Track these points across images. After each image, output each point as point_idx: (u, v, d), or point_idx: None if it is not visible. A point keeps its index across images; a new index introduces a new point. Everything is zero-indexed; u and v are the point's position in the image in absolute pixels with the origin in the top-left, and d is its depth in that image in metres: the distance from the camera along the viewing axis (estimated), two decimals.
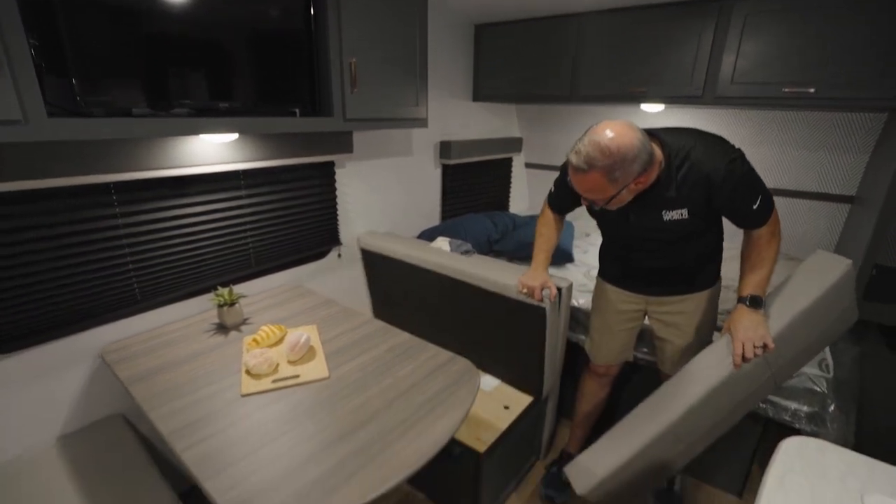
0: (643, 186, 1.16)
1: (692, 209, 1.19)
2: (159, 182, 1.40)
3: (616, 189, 1.10)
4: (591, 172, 1.06)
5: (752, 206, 1.18)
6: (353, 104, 1.54)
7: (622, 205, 1.18)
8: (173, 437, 0.97)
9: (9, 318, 1.20)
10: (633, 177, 1.09)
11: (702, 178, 1.14)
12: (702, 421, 1.26)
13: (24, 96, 0.90)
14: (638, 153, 1.06)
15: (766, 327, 1.17)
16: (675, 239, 1.28)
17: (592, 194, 1.14)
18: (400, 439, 0.97)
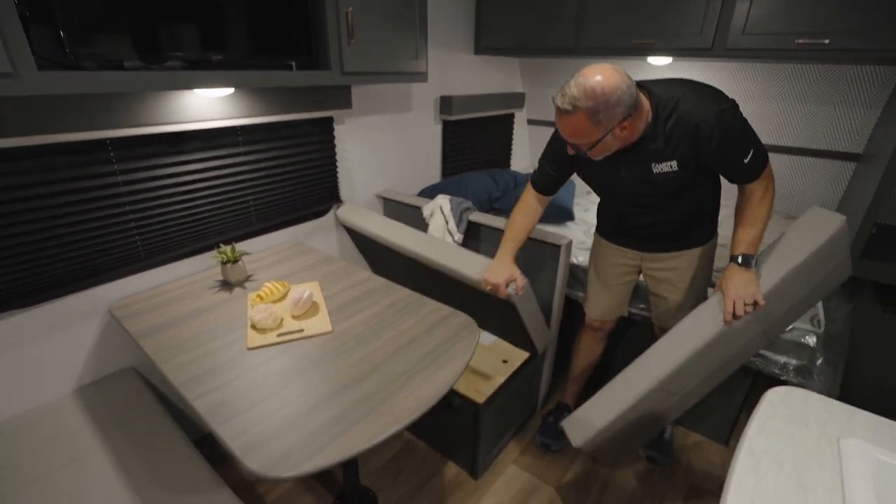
0: (629, 135, 1.14)
1: (681, 162, 1.18)
2: (156, 138, 1.38)
3: (601, 132, 1.09)
4: (576, 114, 1.06)
5: (743, 160, 1.16)
6: (351, 57, 1.50)
7: (608, 153, 1.17)
8: (185, 388, 1.01)
9: (19, 275, 1.22)
10: (618, 120, 1.08)
11: (690, 129, 1.13)
12: (693, 376, 1.30)
13: (12, 48, 0.87)
14: (622, 95, 1.04)
15: (756, 285, 1.18)
16: (666, 193, 1.27)
17: (577, 138, 1.12)
18: (401, 389, 1.02)
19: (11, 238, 1.18)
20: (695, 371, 1.29)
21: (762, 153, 1.18)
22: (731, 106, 1.12)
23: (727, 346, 1.26)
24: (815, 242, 1.19)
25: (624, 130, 1.11)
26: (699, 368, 1.29)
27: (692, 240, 1.40)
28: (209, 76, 1.21)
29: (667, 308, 1.52)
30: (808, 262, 1.18)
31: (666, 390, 1.31)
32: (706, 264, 1.45)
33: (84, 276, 1.34)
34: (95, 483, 1.07)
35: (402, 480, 1.64)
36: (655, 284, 1.51)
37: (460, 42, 2.38)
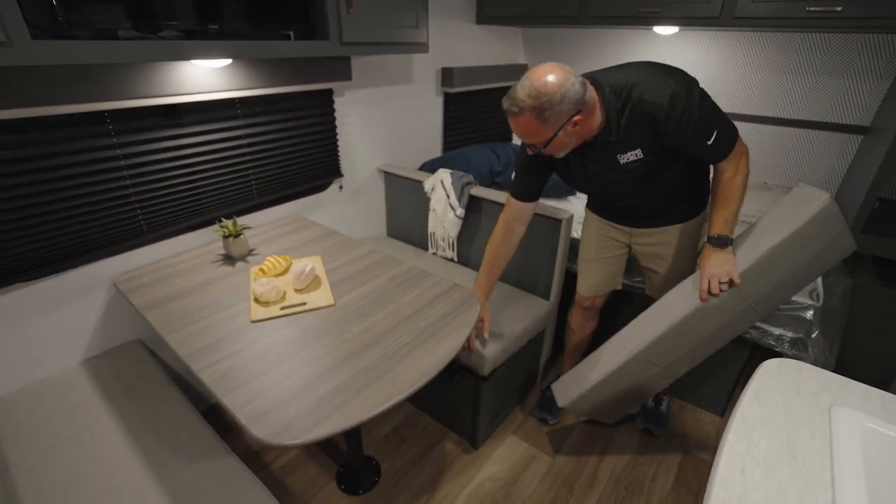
0: (583, 130, 1.13)
1: (645, 149, 1.17)
2: (154, 111, 1.37)
3: (551, 130, 1.08)
4: (523, 115, 1.06)
5: (706, 142, 1.14)
6: (350, 27, 1.46)
7: (566, 150, 1.17)
8: (190, 359, 1.03)
9: (24, 248, 1.23)
10: (566, 117, 1.07)
11: (646, 118, 1.11)
12: (674, 348, 1.36)
13: (5, 16, 0.86)
14: (565, 93, 1.03)
15: (732, 264, 1.21)
16: (639, 178, 1.25)
17: (530, 138, 1.12)
18: (403, 361, 1.04)
19: (13, 212, 1.18)
20: (674, 344, 1.34)
21: (727, 130, 1.16)
22: (685, 88, 1.09)
23: (706, 322, 1.29)
24: (797, 222, 1.19)
25: (576, 126, 1.10)
26: (679, 341, 1.34)
27: (678, 214, 1.39)
28: (205, 46, 1.18)
29: (659, 281, 1.53)
30: (789, 241, 1.19)
31: (646, 360, 1.38)
32: (695, 237, 1.44)
33: (87, 249, 1.35)
34: (104, 452, 1.10)
35: (404, 450, 1.69)
36: (645, 259, 1.52)
37: (462, 11, 2.31)
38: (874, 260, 1.82)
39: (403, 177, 2.11)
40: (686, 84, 1.10)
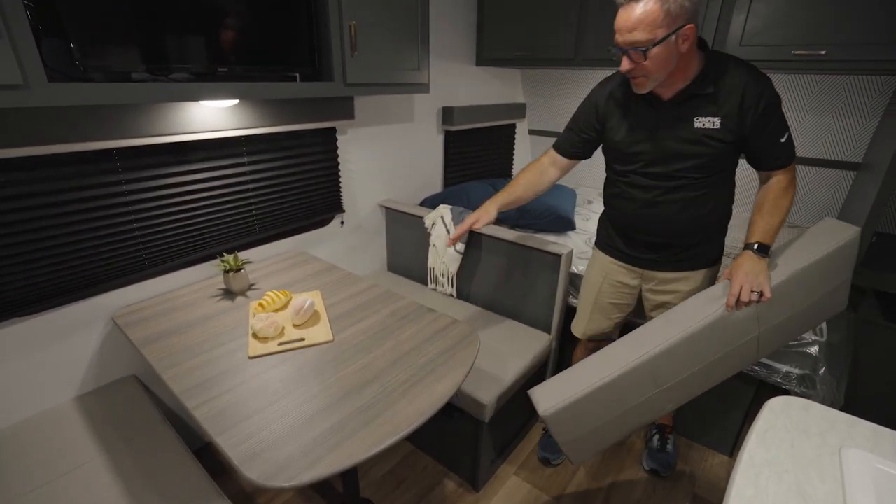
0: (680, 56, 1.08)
1: (724, 121, 1.14)
2: (162, 148, 1.40)
3: (666, 28, 1.02)
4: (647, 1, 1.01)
5: (780, 139, 1.16)
6: (354, 68, 1.52)
7: (658, 76, 1.10)
8: (185, 396, 1.02)
9: (23, 283, 1.23)
10: (684, 19, 1.02)
11: (740, 83, 1.12)
12: (681, 365, 1.22)
13: (24, 59, 0.89)
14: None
15: (767, 276, 1.14)
16: (699, 165, 1.20)
17: (637, 32, 1.03)
18: (401, 399, 1.02)
19: (17, 246, 1.20)
20: (683, 359, 1.21)
21: (793, 144, 1.19)
22: (765, 77, 1.13)
23: (720, 339, 1.19)
24: (828, 247, 1.17)
25: (684, 43, 1.05)
26: (688, 357, 1.21)
27: (698, 259, 1.35)
28: (215, 88, 1.23)
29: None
30: (817, 266, 1.16)
31: (651, 373, 1.22)
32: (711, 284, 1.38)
33: (88, 284, 1.36)
34: (94, 493, 1.06)
35: (402, 491, 1.63)
36: (652, 308, 1.47)
37: (462, 53, 2.41)
38: (876, 294, 1.81)
39: (404, 212, 2.13)
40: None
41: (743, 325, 1.18)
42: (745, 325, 1.18)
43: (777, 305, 1.17)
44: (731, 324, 1.17)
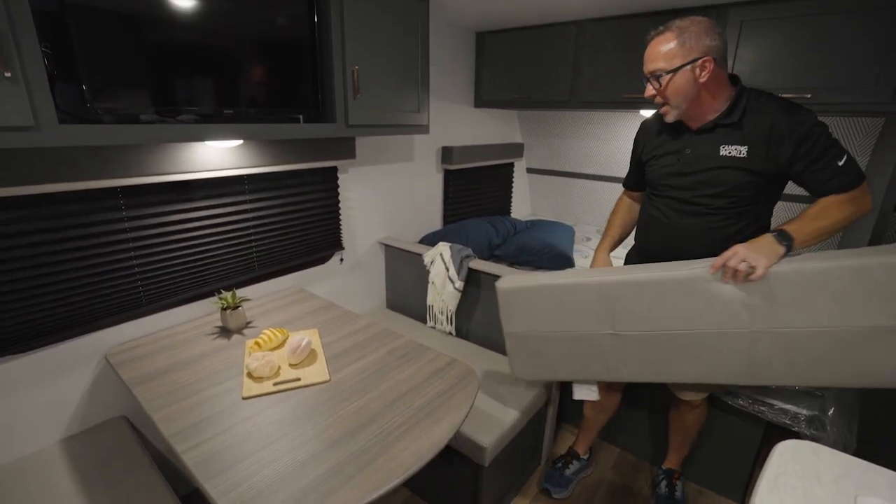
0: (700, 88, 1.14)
1: (752, 147, 1.14)
2: (165, 186, 1.42)
3: (682, 58, 1.12)
4: (666, 32, 1.15)
5: (838, 162, 1.09)
6: (356, 111, 1.57)
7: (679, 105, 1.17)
8: (175, 439, 0.98)
9: (19, 320, 1.22)
10: (701, 52, 1.11)
11: (768, 117, 1.13)
12: (639, 312, 1.14)
13: (37, 103, 0.92)
14: (711, 31, 1.12)
15: (769, 255, 1.05)
16: (723, 193, 1.20)
17: (655, 62, 1.16)
18: (398, 442, 0.98)
19: (16, 283, 1.19)
20: (644, 307, 1.14)
21: (855, 167, 1.12)
22: (813, 112, 1.12)
23: (693, 306, 1.09)
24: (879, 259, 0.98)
25: (703, 72, 1.12)
26: (650, 307, 1.13)
27: None
28: (221, 129, 1.26)
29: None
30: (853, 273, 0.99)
31: (606, 302, 1.16)
32: None
33: (83, 321, 1.34)
34: None
35: None
36: None
37: (461, 96, 2.49)
38: None
39: (403, 249, 2.14)
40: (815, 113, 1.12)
41: (729, 306, 1.06)
42: (731, 307, 1.06)
43: (786, 305, 1.03)
44: (709, 293, 1.05)
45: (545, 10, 1.96)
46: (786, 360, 1.10)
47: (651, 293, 1.14)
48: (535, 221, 2.73)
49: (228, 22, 1.25)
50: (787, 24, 1.60)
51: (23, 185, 1.12)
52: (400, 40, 1.68)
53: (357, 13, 1.49)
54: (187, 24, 1.17)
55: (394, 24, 1.64)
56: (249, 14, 1.29)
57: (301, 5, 1.40)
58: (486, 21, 2.21)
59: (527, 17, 2.10)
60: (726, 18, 1.71)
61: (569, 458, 1.77)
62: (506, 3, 1.84)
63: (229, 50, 1.28)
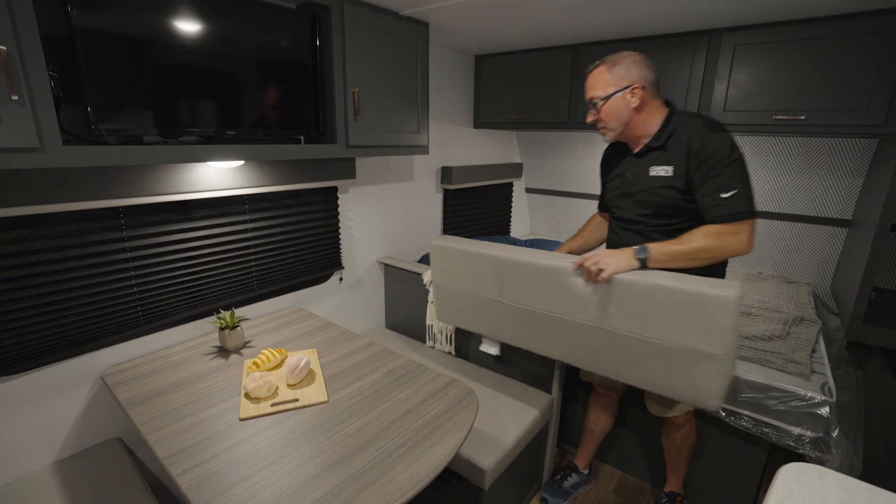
0: (634, 113, 1.27)
1: (676, 167, 1.24)
2: (166, 206, 1.43)
3: (614, 87, 1.26)
4: (601, 66, 1.29)
5: (722, 194, 1.14)
6: (356, 132, 1.59)
7: (616, 126, 1.29)
8: (170, 462, 0.97)
9: (16, 340, 1.21)
10: (630, 80, 1.24)
11: (686, 136, 1.23)
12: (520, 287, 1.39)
13: (42, 125, 0.94)
14: (641, 65, 1.25)
15: (618, 263, 1.19)
16: (655, 213, 1.30)
17: (596, 89, 1.29)
18: (396, 465, 0.97)
19: (14, 303, 1.19)
20: (523, 283, 1.38)
21: (745, 203, 1.14)
22: (731, 142, 1.17)
23: (555, 289, 1.31)
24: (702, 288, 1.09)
25: (633, 97, 1.25)
26: (528, 284, 1.37)
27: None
28: (223, 150, 1.28)
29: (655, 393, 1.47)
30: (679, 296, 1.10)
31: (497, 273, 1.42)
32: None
33: (81, 341, 1.33)
34: None
35: None
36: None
37: (461, 117, 2.53)
38: (882, 352, 1.78)
39: (403, 269, 2.14)
40: (731, 139, 1.19)
41: (582, 300, 1.26)
42: (583, 301, 1.26)
43: (622, 311, 1.20)
44: (570, 285, 1.27)
45: (542, 35, 2.01)
46: (624, 360, 1.27)
47: (529, 274, 1.37)
48: (535, 241, 2.73)
49: (232, 45, 1.28)
50: (780, 47, 1.64)
51: (25, 206, 1.13)
52: (400, 63, 1.72)
53: (358, 36, 1.53)
54: (191, 47, 1.20)
55: (394, 48, 1.68)
56: (252, 37, 1.32)
57: (303, 29, 1.44)
58: (485, 45, 2.27)
59: (524, 42, 2.15)
60: (720, 43, 1.75)
61: (568, 471, 1.77)
62: (503, 28, 1.89)
63: (232, 72, 1.30)
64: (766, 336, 1.71)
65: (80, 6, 1.00)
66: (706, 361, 1.13)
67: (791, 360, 1.54)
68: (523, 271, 1.37)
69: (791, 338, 1.70)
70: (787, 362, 1.53)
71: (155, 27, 1.13)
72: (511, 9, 1.62)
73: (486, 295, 1.49)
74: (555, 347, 1.41)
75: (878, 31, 1.48)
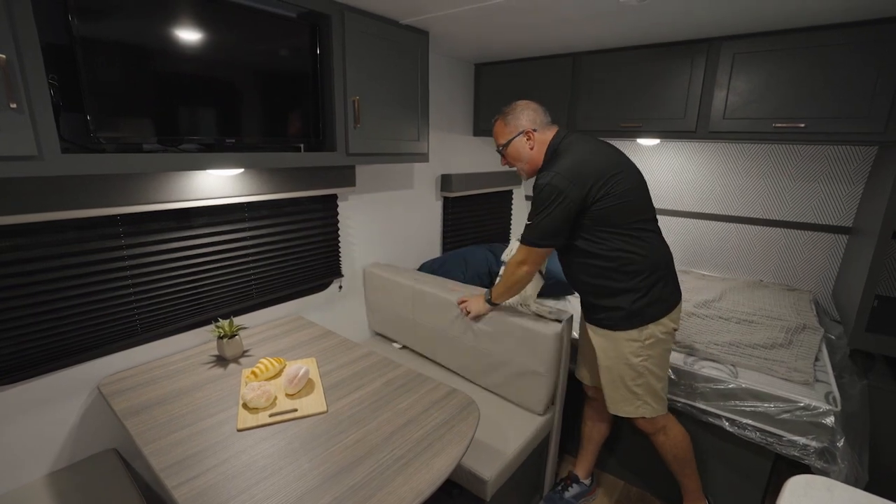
0: (532, 149, 1.42)
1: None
2: (165, 214, 1.43)
3: (511, 134, 1.43)
4: (499, 119, 1.47)
5: (528, 220, 1.37)
6: (356, 139, 1.59)
7: (519, 164, 1.46)
8: (166, 474, 0.95)
9: (13, 349, 1.20)
10: (522, 128, 1.41)
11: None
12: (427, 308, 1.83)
13: (41, 133, 0.93)
14: (528, 112, 1.42)
15: (478, 309, 1.61)
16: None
17: (498, 138, 1.48)
18: (397, 477, 0.95)
19: (9, 312, 1.18)
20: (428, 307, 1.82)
21: (536, 229, 1.34)
22: (555, 172, 1.30)
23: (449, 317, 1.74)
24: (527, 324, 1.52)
25: (529, 140, 1.42)
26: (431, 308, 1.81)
27: (605, 319, 1.41)
28: (223, 158, 1.27)
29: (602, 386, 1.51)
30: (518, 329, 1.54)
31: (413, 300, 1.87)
32: (629, 353, 1.38)
33: (76, 351, 1.32)
34: None
35: None
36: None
37: (460, 125, 2.54)
38: (885, 360, 1.77)
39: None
40: (557, 171, 1.30)
41: (463, 323, 1.70)
42: (464, 325, 1.70)
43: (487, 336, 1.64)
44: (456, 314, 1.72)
45: (542, 44, 2.02)
46: (484, 370, 1.70)
47: (432, 302, 1.80)
48: None
49: (232, 53, 1.28)
50: (779, 56, 1.65)
51: (22, 214, 1.12)
52: (400, 71, 1.72)
53: (358, 45, 1.53)
54: (192, 55, 1.20)
55: (394, 56, 1.68)
56: (253, 46, 1.32)
57: (304, 37, 1.44)
58: (484, 54, 2.28)
59: (524, 50, 2.16)
60: (719, 51, 1.75)
61: (569, 481, 1.75)
62: (503, 37, 1.90)
63: (232, 80, 1.30)
64: (767, 344, 1.70)
65: (81, 15, 1.00)
66: (534, 376, 1.55)
67: (794, 369, 1.53)
68: (429, 299, 1.81)
69: (794, 346, 1.69)
70: (791, 371, 1.52)
71: (155, 36, 1.13)
72: (511, 18, 1.63)
73: (403, 314, 1.94)
74: (448, 358, 1.83)
75: (878, 39, 1.48)
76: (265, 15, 1.35)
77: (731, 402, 1.52)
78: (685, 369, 1.61)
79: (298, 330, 1.70)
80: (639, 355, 1.38)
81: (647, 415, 1.44)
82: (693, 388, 1.60)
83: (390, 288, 1.96)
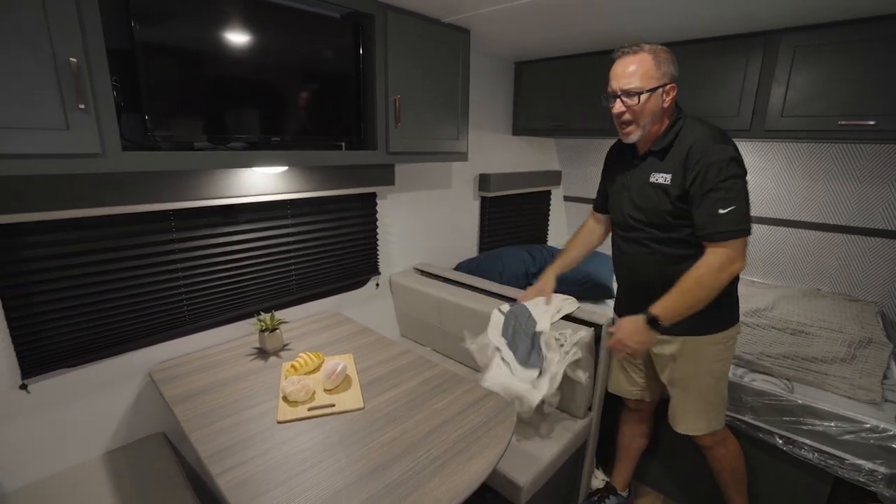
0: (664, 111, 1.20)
1: (674, 178, 1.19)
2: (213, 210, 1.48)
3: (657, 81, 1.16)
4: (640, 53, 1.17)
5: (719, 210, 1.11)
6: (397, 138, 1.60)
7: (644, 125, 1.20)
8: (211, 461, 0.98)
9: (71, 337, 1.28)
10: (669, 78, 1.17)
11: (686, 144, 1.17)
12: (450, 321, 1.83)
13: (104, 132, 0.99)
14: (674, 59, 1.19)
15: (642, 342, 1.21)
16: (654, 218, 1.25)
17: (632, 78, 1.16)
18: (433, 478, 0.95)
19: (67, 300, 1.25)
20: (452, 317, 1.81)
21: (740, 221, 1.12)
22: (733, 156, 1.13)
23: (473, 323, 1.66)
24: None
25: (668, 96, 1.19)
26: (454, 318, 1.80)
27: (694, 324, 1.23)
28: (268, 156, 1.31)
29: (674, 402, 1.39)
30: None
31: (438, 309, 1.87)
32: (712, 358, 1.29)
33: (132, 338, 1.39)
34: None
35: None
36: (661, 371, 1.41)
37: (499, 124, 2.51)
38: None
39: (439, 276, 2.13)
40: (736, 155, 1.13)
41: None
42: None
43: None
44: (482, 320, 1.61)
45: (584, 41, 1.96)
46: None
47: (456, 310, 1.78)
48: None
49: (278, 55, 1.31)
50: (843, 48, 1.53)
51: (85, 208, 1.19)
52: (441, 70, 1.72)
53: (400, 44, 1.54)
54: (241, 58, 1.24)
55: (435, 55, 1.68)
56: (298, 47, 1.35)
57: (347, 37, 1.46)
58: (525, 52, 2.24)
59: (565, 48, 2.11)
60: (778, 44, 1.65)
61: (605, 493, 1.69)
62: (544, 34, 1.86)
63: (277, 81, 1.34)
64: (827, 358, 1.58)
65: (142, 21, 1.06)
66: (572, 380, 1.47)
67: (859, 387, 1.42)
68: (453, 308, 1.80)
69: (858, 361, 1.57)
70: (855, 388, 1.41)
71: (208, 40, 1.17)
72: (553, 15, 1.59)
73: (430, 321, 1.95)
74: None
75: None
76: (310, 16, 1.37)
77: (786, 419, 1.43)
78: (733, 381, 1.52)
79: (336, 326, 1.73)
80: (720, 359, 1.31)
81: (717, 427, 1.37)
82: (741, 401, 1.51)
83: (416, 298, 1.98)
